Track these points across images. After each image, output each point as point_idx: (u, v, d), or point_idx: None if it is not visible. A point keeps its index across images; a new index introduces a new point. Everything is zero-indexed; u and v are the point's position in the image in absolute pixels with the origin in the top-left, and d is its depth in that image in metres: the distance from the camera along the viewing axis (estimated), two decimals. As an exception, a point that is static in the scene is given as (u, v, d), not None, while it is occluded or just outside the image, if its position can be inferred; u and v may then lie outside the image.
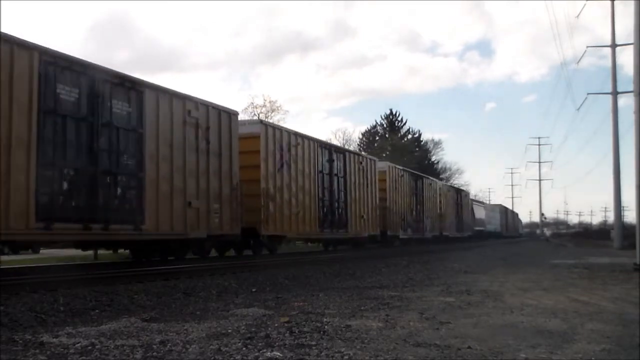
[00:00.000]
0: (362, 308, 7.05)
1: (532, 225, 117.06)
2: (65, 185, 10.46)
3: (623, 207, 37.99)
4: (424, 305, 7.37)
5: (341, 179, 22.24)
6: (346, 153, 23.75)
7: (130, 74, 12.37)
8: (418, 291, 9.11)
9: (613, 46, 34.26)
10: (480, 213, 57.07)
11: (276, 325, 5.70)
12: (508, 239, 67.66)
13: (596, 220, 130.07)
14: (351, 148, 48.69)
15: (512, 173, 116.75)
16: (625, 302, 7.87)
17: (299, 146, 19.05)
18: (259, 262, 14.90)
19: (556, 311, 6.85)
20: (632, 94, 14.88)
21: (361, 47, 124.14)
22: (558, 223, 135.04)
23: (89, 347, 4.63)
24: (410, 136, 69.53)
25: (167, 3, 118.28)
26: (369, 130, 69.29)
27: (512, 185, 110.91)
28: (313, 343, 4.79)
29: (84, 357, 4.34)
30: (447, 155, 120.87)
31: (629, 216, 56.16)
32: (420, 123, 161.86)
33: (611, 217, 57.88)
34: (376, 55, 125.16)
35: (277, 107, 45.56)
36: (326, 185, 20.85)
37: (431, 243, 34.68)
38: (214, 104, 14.77)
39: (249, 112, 46.72)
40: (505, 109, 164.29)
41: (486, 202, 74.35)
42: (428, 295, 8.57)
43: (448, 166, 75.36)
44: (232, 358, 4.30)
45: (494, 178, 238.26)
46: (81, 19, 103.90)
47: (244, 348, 4.59)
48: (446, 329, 5.58)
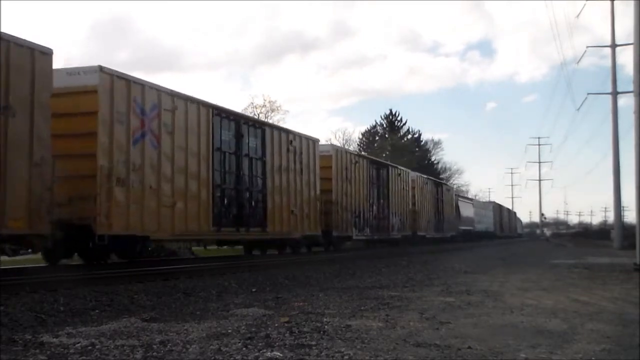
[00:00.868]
0: (362, 308, 7.05)
1: (532, 225, 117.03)
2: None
3: (623, 207, 38.06)
4: (424, 305, 7.37)
5: (257, 162, 16.58)
6: (266, 128, 17.64)
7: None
8: (418, 291, 9.12)
9: (613, 46, 34.29)
10: (467, 210, 50.09)
11: (276, 325, 5.70)
12: (504, 240, 62.52)
13: (596, 220, 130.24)
14: (351, 148, 48.54)
15: (512, 173, 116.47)
16: (625, 302, 7.88)
17: (178, 111, 13.44)
18: (259, 262, 14.90)
19: (556, 311, 6.85)
20: (632, 94, 14.89)
21: (361, 47, 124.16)
22: (558, 223, 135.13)
23: (89, 347, 4.63)
24: (410, 136, 69.58)
25: (168, 3, 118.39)
26: (369, 130, 69.40)
27: (512, 185, 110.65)
28: (313, 343, 4.79)
29: (84, 357, 4.34)
30: (447, 155, 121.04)
31: (629, 216, 56.24)
32: (420, 123, 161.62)
33: (611, 217, 57.88)
34: (377, 55, 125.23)
35: (277, 107, 45.63)
36: (229, 167, 15.40)
37: (399, 245, 28.51)
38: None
39: (249, 112, 46.79)
40: (505, 109, 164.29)
41: (477, 199, 66.18)
42: (428, 295, 8.57)
43: (448, 166, 75.47)
44: (232, 358, 4.30)
45: (494, 178, 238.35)
46: (82, 19, 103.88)
47: (244, 348, 4.59)
48: (446, 329, 5.58)
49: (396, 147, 61.92)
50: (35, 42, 9.82)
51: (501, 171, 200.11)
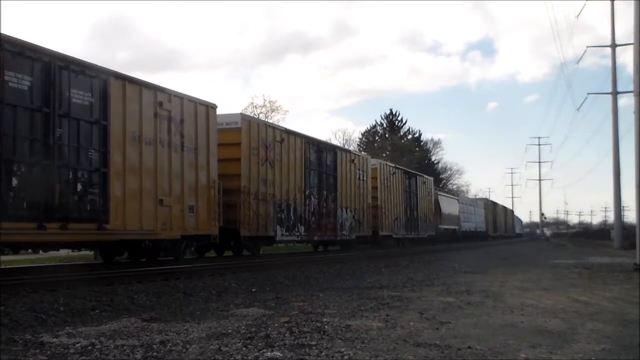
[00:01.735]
0: (362, 308, 7.05)
1: (532, 225, 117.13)
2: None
3: (623, 207, 38.05)
4: (424, 305, 7.37)
5: (88, 127, 10.90)
6: (111, 78, 11.46)
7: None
8: (418, 291, 9.12)
9: (613, 46, 34.27)
10: (451, 207, 43.40)
11: (276, 325, 5.70)
12: (498, 241, 56.87)
13: (596, 220, 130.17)
14: (351, 148, 48.46)
15: (512, 173, 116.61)
16: (625, 302, 7.88)
17: None
18: (259, 262, 14.90)
19: (556, 311, 6.85)
20: (632, 94, 14.89)
21: (362, 47, 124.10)
22: (558, 223, 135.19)
23: (89, 347, 4.63)
24: (410, 136, 69.56)
25: (168, 3, 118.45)
26: (369, 130, 69.38)
27: (512, 185, 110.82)
28: (313, 343, 4.79)
29: (84, 357, 4.34)
30: (448, 155, 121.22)
31: (629, 216, 56.32)
32: (421, 123, 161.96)
33: (611, 217, 57.88)
34: (378, 55, 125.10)
35: (277, 107, 45.59)
36: (29, 132, 9.73)
37: (351, 248, 23.30)
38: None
39: (249, 112, 46.78)
40: (506, 109, 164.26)
41: (463, 195, 59.84)
42: (428, 295, 8.57)
43: (448, 166, 75.42)
44: (232, 358, 4.30)
45: (494, 178, 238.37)
46: (82, 19, 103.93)
47: (244, 348, 4.59)
48: (446, 329, 5.58)
49: (396, 147, 61.90)
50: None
51: (501, 171, 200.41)
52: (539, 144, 79.63)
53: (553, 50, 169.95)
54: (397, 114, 70.19)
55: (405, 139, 67.58)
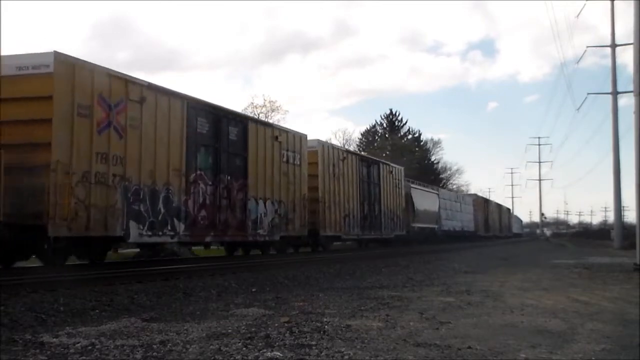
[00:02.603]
0: (362, 308, 7.05)
1: (532, 225, 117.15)
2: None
3: (623, 207, 38.03)
4: (424, 305, 7.37)
5: None
6: None
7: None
8: (418, 291, 9.12)
9: (613, 46, 34.29)
10: (427, 203, 36.23)
11: (276, 325, 5.70)
12: (493, 242, 50.71)
13: (596, 220, 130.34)
14: (350, 148, 48.43)
15: (512, 173, 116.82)
16: (625, 302, 7.88)
17: None
18: (259, 262, 14.90)
19: (556, 311, 6.85)
20: (632, 94, 14.89)
21: (363, 47, 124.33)
22: (558, 223, 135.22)
23: (89, 347, 4.63)
24: (410, 136, 69.55)
25: (168, 3, 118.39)
26: (369, 130, 69.37)
27: (512, 185, 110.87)
28: (313, 343, 4.79)
29: (84, 357, 4.34)
30: (448, 155, 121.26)
31: (629, 216, 56.37)
32: (421, 123, 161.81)
33: (611, 217, 57.90)
34: (378, 54, 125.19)
35: (277, 107, 45.61)
36: None
37: (264, 252, 18.65)
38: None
39: (249, 112, 46.79)
40: (507, 109, 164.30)
41: (446, 190, 50.80)
42: (428, 295, 8.57)
43: (448, 166, 75.37)
44: (232, 358, 4.30)
45: (495, 178, 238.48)
46: (83, 19, 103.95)
47: (244, 348, 4.59)
48: (446, 329, 5.58)
49: (396, 147, 61.91)
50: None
51: (501, 171, 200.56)
52: (539, 144, 79.72)
53: (553, 50, 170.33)
54: (397, 114, 70.27)
55: (405, 139, 67.57)
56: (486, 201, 60.41)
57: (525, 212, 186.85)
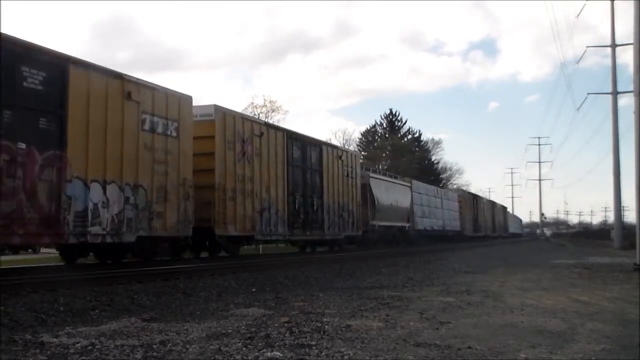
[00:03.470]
0: (362, 308, 7.05)
1: (532, 225, 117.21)
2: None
3: (623, 207, 38.07)
4: (424, 305, 7.37)
5: None
6: None
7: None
8: (418, 291, 9.12)
9: (613, 46, 34.29)
10: (395, 197, 29.77)
11: (276, 325, 5.70)
12: (482, 243, 44.81)
13: (596, 220, 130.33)
14: (351, 148, 48.44)
15: (512, 173, 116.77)
16: (625, 302, 7.88)
17: None
18: (259, 262, 14.90)
19: (556, 311, 6.85)
20: (632, 94, 14.89)
21: (364, 47, 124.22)
22: (558, 223, 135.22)
23: (89, 347, 4.63)
24: (410, 136, 69.55)
25: (168, 3, 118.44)
26: (369, 130, 69.37)
27: (512, 185, 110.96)
28: (313, 343, 4.79)
29: (84, 357, 4.34)
30: (448, 155, 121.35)
31: (629, 216, 56.34)
32: (422, 123, 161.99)
33: (611, 217, 57.88)
34: (379, 54, 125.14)
35: (277, 107, 45.61)
36: None
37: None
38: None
39: (249, 112, 46.81)
40: (508, 109, 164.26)
41: (421, 183, 38.92)
42: (428, 295, 8.57)
43: (448, 166, 75.34)
44: (232, 358, 4.30)
45: (495, 178, 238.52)
46: (83, 19, 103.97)
47: (244, 348, 4.59)
48: (446, 329, 5.58)
49: (396, 147, 61.90)
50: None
51: (501, 171, 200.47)
52: (539, 144, 79.60)
53: (554, 50, 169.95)
54: (397, 114, 70.25)
55: (405, 139, 67.57)
56: (475, 197, 53.83)
57: (525, 212, 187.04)
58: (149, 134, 12.66)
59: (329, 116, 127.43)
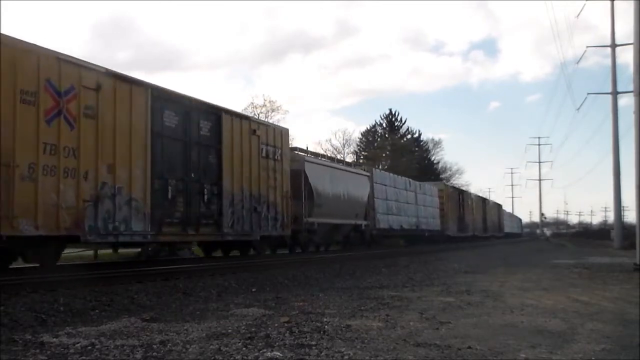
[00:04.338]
0: (362, 308, 7.05)
1: (532, 225, 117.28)
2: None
3: (623, 207, 38.08)
4: (424, 305, 7.37)
5: None
6: None
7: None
8: (418, 291, 9.12)
9: (613, 46, 34.30)
10: (344, 187, 23.92)
11: (276, 325, 5.70)
12: (476, 243, 41.74)
13: (596, 220, 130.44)
14: (350, 148, 48.30)
15: (512, 173, 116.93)
16: (625, 302, 7.88)
17: None
18: (259, 262, 14.91)
19: (556, 311, 6.85)
20: (632, 94, 14.89)
21: (364, 47, 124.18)
22: (558, 223, 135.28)
23: (89, 347, 4.63)
24: (409, 136, 69.58)
25: (168, 3, 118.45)
26: (369, 130, 69.39)
27: (512, 185, 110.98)
28: (313, 343, 4.79)
29: (84, 357, 4.34)
30: (449, 155, 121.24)
31: (629, 216, 56.37)
32: (422, 123, 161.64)
33: (611, 217, 57.88)
34: (379, 54, 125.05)
35: (277, 107, 45.65)
36: None
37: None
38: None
39: (249, 112, 46.85)
40: (509, 109, 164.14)
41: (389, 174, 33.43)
42: (428, 295, 8.57)
43: (448, 166, 75.34)
44: (232, 358, 4.30)
45: (495, 178, 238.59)
46: (83, 19, 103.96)
47: (244, 348, 4.59)
48: (446, 329, 5.58)
49: (396, 147, 61.93)
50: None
51: (501, 171, 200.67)
52: (539, 144, 79.65)
53: (554, 50, 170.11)
54: (397, 114, 70.27)
55: (404, 139, 67.58)
56: (461, 193, 47.67)
57: (525, 212, 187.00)
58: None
59: (329, 116, 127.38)
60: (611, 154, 32.43)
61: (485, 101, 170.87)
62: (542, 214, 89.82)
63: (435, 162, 71.87)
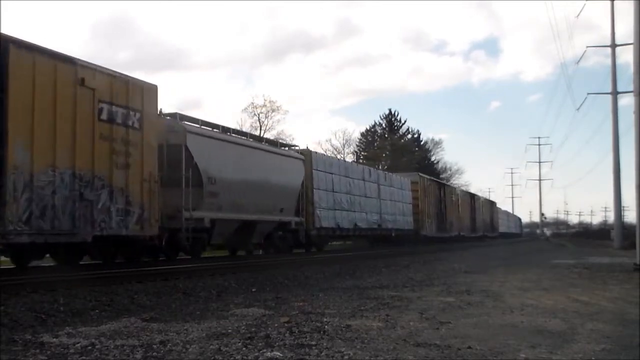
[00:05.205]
0: (362, 308, 7.04)
1: (532, 225, 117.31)
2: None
3: (623, 207, 37.99)
4: (424, 305, 7.37)
5: None
6: None
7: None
8: (418, 291, 9.12)
9: (613, 46, 34.28)
10: (250, 172, 17.45)
11: (276, 325, 5.70)
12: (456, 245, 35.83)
13: (596, 220, 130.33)
14: (350, 149, 48.27)
15: (512, 173, 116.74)
16: (625, 302, 7.88)
17: None
18: (259, 262, 14.91)
19: (556, 311, 6.85)
20: (632, 94, 14.89)
21: (365, 46, 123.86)
22: (558, 223, 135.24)
23: (89, 347, 4.63)
24: (409, 136, 69.59)
25: (168, 3, 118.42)
26: (369, 130, 69.39)
27: (512, 185, 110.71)
28: (313, 343, 4.79)
29: (84, 357, 4.34)
30: (449, 155, 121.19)
31: (629, 216, 56.24)
32: (422, 123, 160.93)
33: (611, 217, 57.80)
34: (380, 54, 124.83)
35: (277, 107, 45.68)
36: None
37: None
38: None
39: (249, 112, 46.91)
40: (510, 108, 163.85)
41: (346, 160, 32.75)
42: (428, 295, 8.57)
43: (448, 166, 75.31)
44: (232, 358, 4.30)
45: (495, 178, 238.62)
46: (83, 19, 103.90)
47: (244, 348, 4.59)
48: (446, 329, 5.58)
49: (396, 147, 61.94)
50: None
51: (501, 171, 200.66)
52: (539, 144, 79.45)
53: (555, 49, 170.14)
54: (396, 114, 70.26)
55: (404, 139, 67.59)
56: (442, 187, 40.65)
57: (525, 212, 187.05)
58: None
59: (329, 116, 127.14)
60: (611, 154, 32.43)
61: (485, 101, 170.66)
62: (542, 214, 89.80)
63: (435, 162, 71.87)
